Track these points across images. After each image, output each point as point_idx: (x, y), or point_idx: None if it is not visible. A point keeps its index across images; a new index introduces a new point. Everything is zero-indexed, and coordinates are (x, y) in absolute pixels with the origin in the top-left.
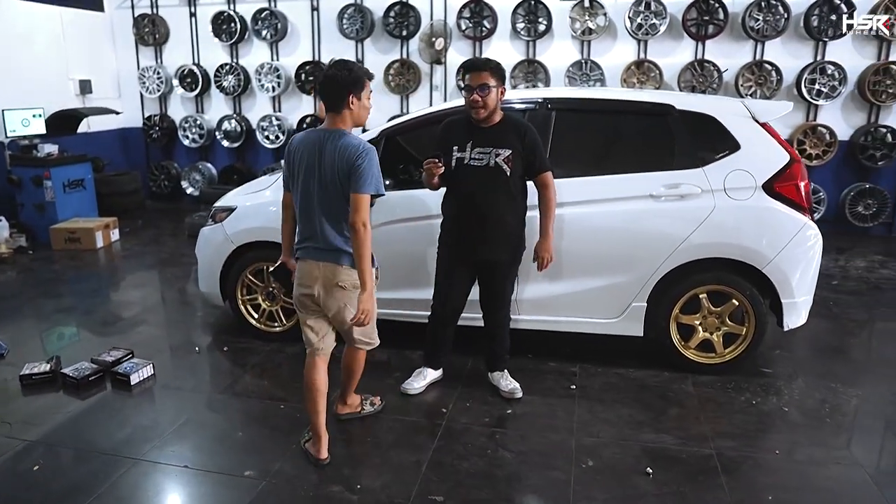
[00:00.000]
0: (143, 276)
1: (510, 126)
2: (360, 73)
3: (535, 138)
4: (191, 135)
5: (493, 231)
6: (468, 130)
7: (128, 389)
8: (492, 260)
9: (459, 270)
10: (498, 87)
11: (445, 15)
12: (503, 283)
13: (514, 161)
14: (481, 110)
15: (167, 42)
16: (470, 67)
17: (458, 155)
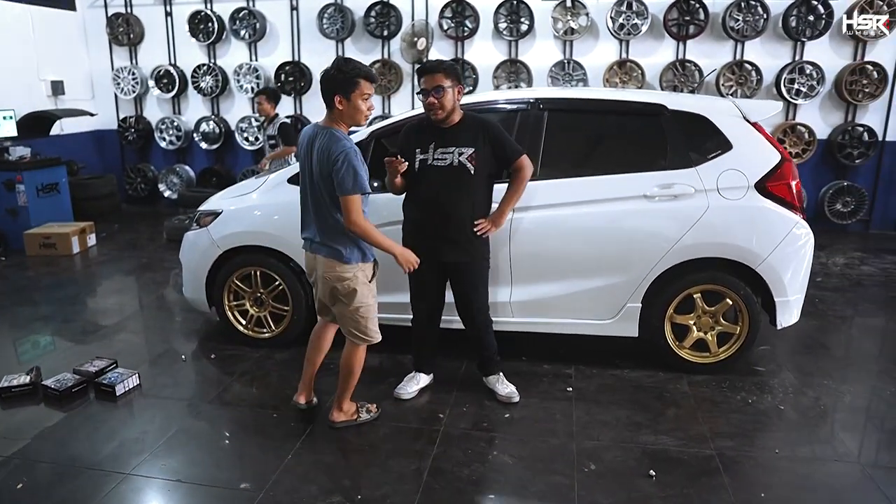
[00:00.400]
0: (123, 282)
1: (471, 124)
2: (354, 73)
3: (498, 131)
4: (168, 137)
5: (457, 231)
6: (430, 132)
7: (113, 400)
8: (458, 261)
9: (428, 273)
10: (454, 87)
11: (427, 15)
12: (474, 284)
13: (477, 159)
14: (439, 112)
15: (142, 42)
16: (423, 71)
17: (420, 157)
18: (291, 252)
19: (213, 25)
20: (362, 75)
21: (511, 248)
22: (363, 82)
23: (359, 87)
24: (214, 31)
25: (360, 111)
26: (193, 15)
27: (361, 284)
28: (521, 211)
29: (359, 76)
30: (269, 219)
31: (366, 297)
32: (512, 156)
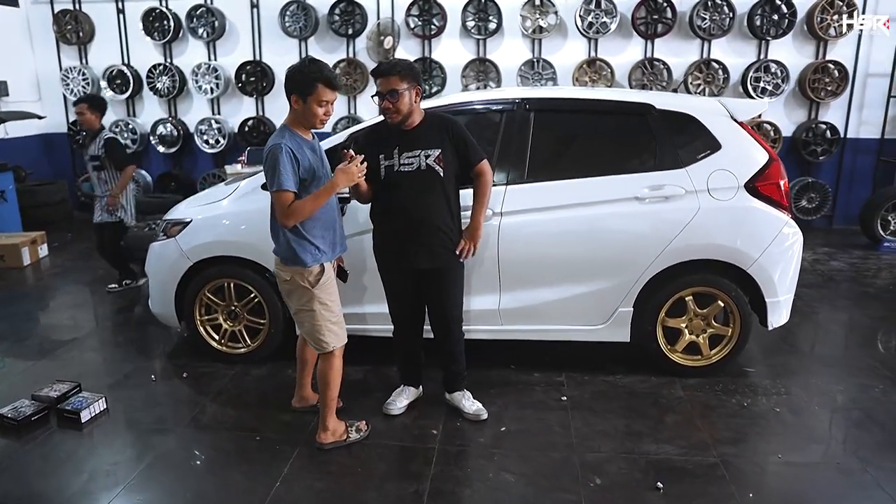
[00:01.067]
0: (81, 296)
1: (434, 124)
2: (314, 77)
3: (461, 130)
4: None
5: (429, 237)
6: (392, 136)
7: (78, 428)
8: (432, 268)
9: (403, 282)
10: (411, 89)
11: (393, 12)
12: (450, 292)
13: (444, 160)
14: (394, 115)
15: (93, 40)
16: (377, 73)
17: (385, 163)
18: (266, 262)
19: (168, 23)
20: (322, 80)
21: (499, 253)
22: (321, 87)
23: (316, 91)
24: (171, 29)
25: (314, 115)
26: (148, 12)
27: (300, 288)
28: (509, 215)
29: (318, 80)
30: (241, 227)
31: (308, 303)
32: (474, 158)
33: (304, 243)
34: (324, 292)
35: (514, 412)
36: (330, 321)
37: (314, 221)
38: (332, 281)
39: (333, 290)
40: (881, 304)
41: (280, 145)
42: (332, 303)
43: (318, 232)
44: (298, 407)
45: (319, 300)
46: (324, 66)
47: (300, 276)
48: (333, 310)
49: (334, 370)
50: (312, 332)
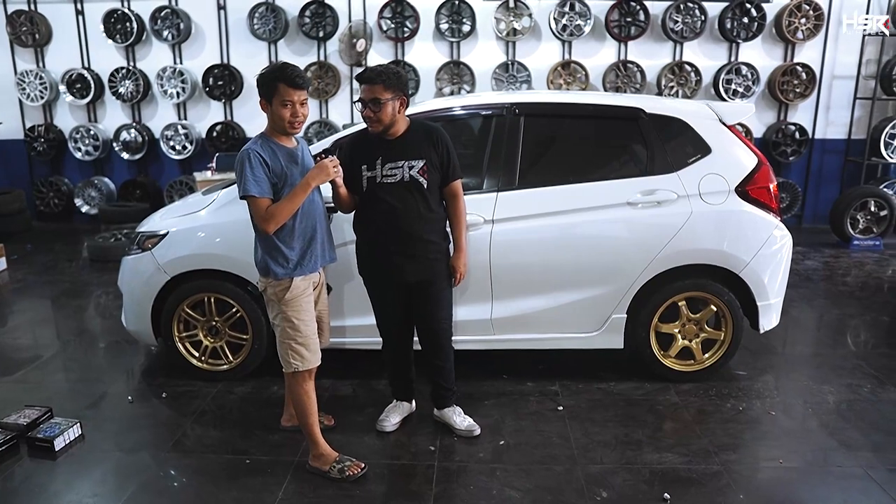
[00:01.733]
0: (45, 312)
1: (420, 134)
2: (273, 76)
3: (447, 141)
4: (84, 147)
5: (415, 249)
6: (375, 146)
7: (52, 458)
8: (420, 280)
9: (389, 294)
10: (395, 99)
11: (365, 15)
12: (438, 304)
13: (429, 171)
14: (375, 125)
15: (50, 43)
16: (361, 79)
17: (368, 174)
18: (249, 275)
19: (131, 25)
20: (281, 78)
21: (491, 261)
22: (282, 87)
23: (277, 91)
24: (133, 31)
25: (280, 118)
26: (109, 14)
27: (271, 300)
28: (501, 223)
29: (278, 80)
30: (221, 239)
31: (276, 317)
32: (452, 175)
33: (275, 254)
34: (291, 309)
35: (512, 424)
36: (295, 340)
37: (289, 231)
38: (303, 299)
39: (304, 308)
40: (858, 303)
41: (246, 150)
42: (299, 321)
43: (295, 243)
44: (288, 426)
45: (285, 316)
46: (287, 66)
47: (272, 288)
48: (300, 329)
49: (301, 393)
50: (281, 349)
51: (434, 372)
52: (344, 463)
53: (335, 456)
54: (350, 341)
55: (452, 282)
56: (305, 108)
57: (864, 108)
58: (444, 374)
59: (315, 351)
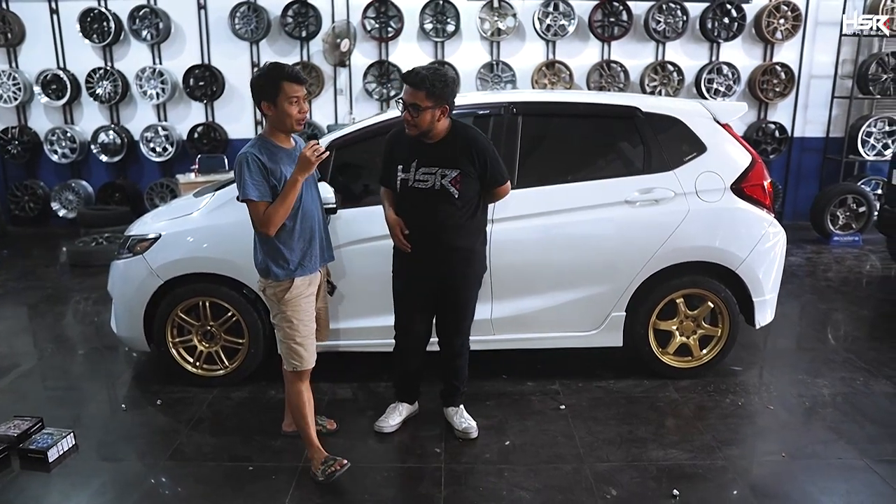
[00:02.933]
0: (27, 319)
1: (459, 141)
2: (276, 76)
3: (486, 150)
4: (60, 149)
5: (447, 254)
6: (413, 147)
7: (46, 469)
8: (448, 282)
9: (416, 296)
10: (436, 108)
11: (348, 14)
12: (463, 306)
13: (463, 182)
14: (412, 129)
15: (23, 42)
16: (406, 79)
17: (402, 176)
18: (244, 278)
19: (109, 25)
20: (284, 77)
21: (490, 261)
22: (286, 84)
23: (281, 90)
24: (111, 31)
25: (288, 116)
26: (85, 13)
27: (271, 300)
28: (500, 222)
29: (281, 78)
30: (217, 242)
31: (276, 317)
32: (494, 181)
33: (276, 256)
34: (290, 308)
35: (516, 424)
36: (294, 340)
37: (289, 232)
38: (303, 299)
39: (303, 308)
40: (843, 297)
41: (245, 153)
42: (298, 321)
43: (295, 244)
44: (290, 431)
45: (284, 316)
46: (284, 65)
47: (272, 289)
48: (299, 329)
49: (301, 395)
50: (281, 347)
51: (448, 371)
52: (328, 464)
53: (322, 457)
54: (350, 344)
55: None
56: (307, 104)
57: (842, 106)
58: (455, 371)
59: (313, 352)
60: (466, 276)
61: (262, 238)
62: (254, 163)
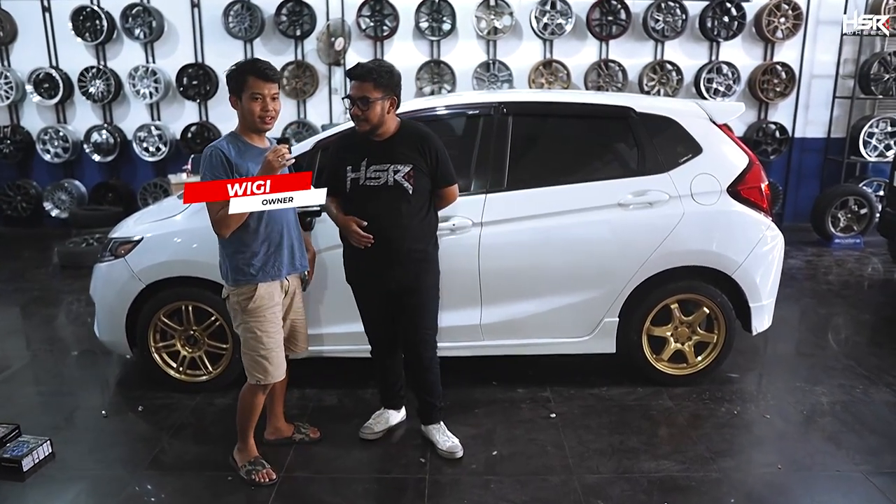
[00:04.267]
0: (13, 322)
1: (408, 136)
2: (242, 70)
3: (437, 147)
4: (52, 149)
5: (399, 256)
6: (361, 147)
7: (20, 479)
8: (404, 286)
9: (375, 302)
10: (385, 99)
11: (343, 13)
12: (421, 314)
13: (416, 177)
14: (363, 125)
15: (15, 41)
16: (352, 75)
17: (352, 176)
18: None
19: (101, 23)
20: (251, 72)
21: (480, 265)
22: (252, 79)
23: (246, 85)
24: (104, 29)
25: (251, 113)
26: (77, 11)
27: (234, 309)
28: (489, 225)
29: (247, 73)
30: (200, 245)
31: (239, 326)
32: (443, 181)
33: (237, 258)
34: (255, 319)
35: (504, 433)
36: (257, 352)
37: (252, 234)
38: (268, 310)
39: (268, 319)
40: (843, 301)
41: (210, 148)
42: (262, 333)
43: (258, 247)
44: (272, 439)
45: (248, 327)
46: (257, 60)
47: (235, 296)
48: (264, 341)
49: (252, 403)
50: (244, 359)
51: (417, 385)
52: (255, 466)
53: (252, 456)
54: (334, 349)
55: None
56: (277, 104)
57: (843, 107)
58: (427, 387)
59: (279, 365)
60: (421, 279)
61: (222, 240)
62: (217, 158)
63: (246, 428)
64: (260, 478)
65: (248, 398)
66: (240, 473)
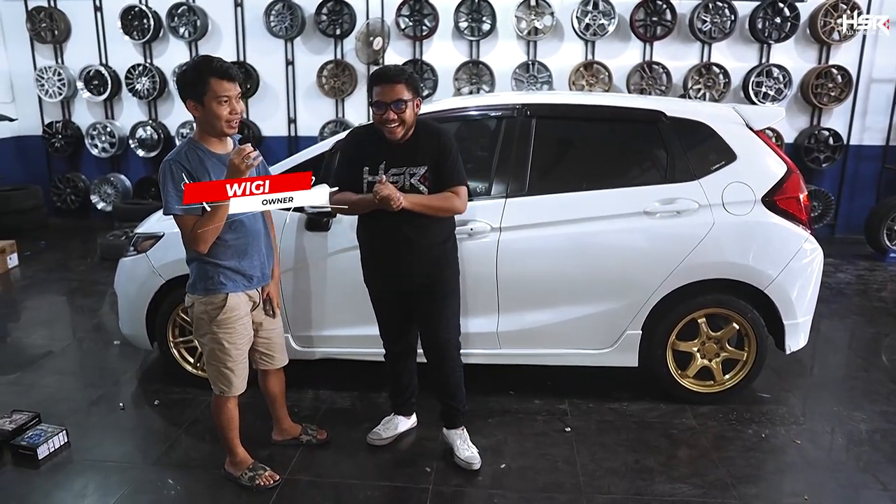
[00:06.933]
0: (50, 310)
1: (425, 137)
2: (201, 71)
3: (448, 146)
4: (100, 143)
5: (416, 257)
6: (380, 148)
7: (34, 466)
8: (421, 286)
9: (391, 303)
10: (413, 100)
11: (382, 12)
12: (443, 314)
13: (431, 178)
14: (398, 129)
15: (69, 39)
16: (381, 78)
17: (369, 179)
18: None
19: (148, 22)
20: (212, 73)
21: (498, 271)
22: (214, 81)
23: (209, 88)
24: (150, 28)
25: (217, 117)
26: (126, 10)
27: (200, 319)
28: (508, 231)
29: (208, 74)
30: None
31: (204, 336)
32: (448, 180)
33: (207, 268)
34: (223, 330)
35: (515, 446)
36: (224, 364)
37: (223, 245)
38: (237, 322)
39: (237, 331)
40: (894, 321)
41: (168, 162)
42: (230, 345)
43: (226, 259)
44: (279, 440)
45: (215, 338)
46: (213, 58)
47: (200, 304)
48: (231, 354)
49: (224, 417)
50: (209, 370)
51: (440, 388)
52: (256, 471)
53: (249, 462)
54: (347, 352)
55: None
56: (240, 104)
57: None
58: (449, 391)
59: (244, 377)
60: (439, 277)
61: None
62: (178, 171)
63: (229, 439)
64: (263, 481)
65: (218, 411)
66: (241, 483)
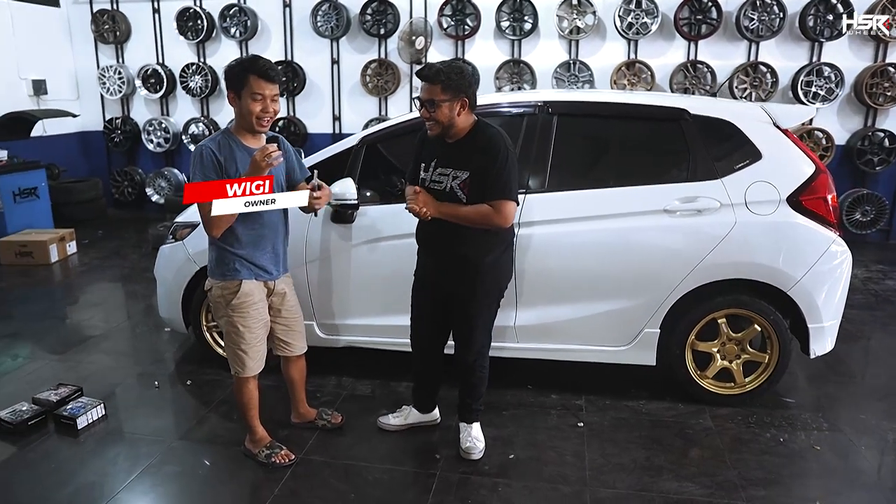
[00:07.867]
0: (101, 295)
1: (478, 141)
2: (244, 68)
3: (501, 157)
4: (155, 139)
5: (452, 262)
6: (436, 145)
7: (74, 435)
8: (453, 293)
9: (426, 302)
10: (454, 101)
11: (426, 12)
12: (470, 322)
13: (471, 186)
14: (433, 126)
15: (129, 40)
16: (420, 76)
17: (422, 175)
18: None
19: (202, 23)
20: (253, 71)
21: (516, 266)
22: (254, 79)
23: (247, 84)
24: (204, 28)
25: (250, 113)
26: (182, 12)
27: (216, 302)
28: (527, 226)
29: (250, 72)
30: None
31: (221, 320)
32: (491, 193)
33: (224, 254)
34: (238, 314)
35: (526, 437)
36: (238, 346)
37: (239, 234)
38: (250, 305)
39: (251, 316)
40: None
41: (200, 147)
42: (244, 329)
43: (243, 247)
44: (297, 422)
45: (230, 321)
46: (259, 58)
47: (220, 289)
48: (245, 337)
49: (245, 396)
50: (227, 350)
51: (463, 388)
52: (273, 449)
53: (267, 441)
54: (371, 341)
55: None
56: (276, 105)
57: None
58: (467, 388)
59: (259, 359)
60: (472, 289)
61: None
62: (208, 157)
63: (249, 418)
64: (279, 459)
65: (239, 391)
66: (258, 460)
